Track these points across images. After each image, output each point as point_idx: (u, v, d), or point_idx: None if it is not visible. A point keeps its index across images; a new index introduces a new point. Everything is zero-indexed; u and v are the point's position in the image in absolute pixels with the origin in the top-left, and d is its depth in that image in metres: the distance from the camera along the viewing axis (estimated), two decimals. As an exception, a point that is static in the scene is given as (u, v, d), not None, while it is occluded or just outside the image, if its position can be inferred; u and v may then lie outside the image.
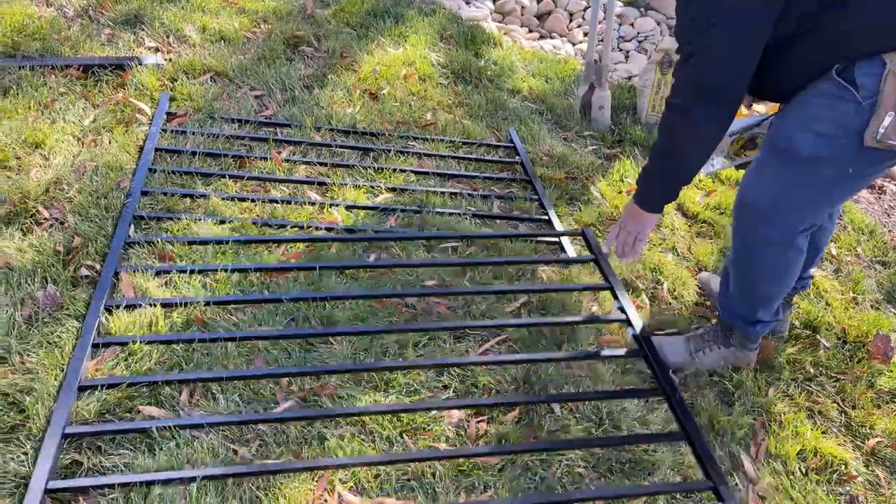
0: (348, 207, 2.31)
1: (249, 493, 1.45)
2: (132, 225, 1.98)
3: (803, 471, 1.84)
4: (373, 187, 2.44)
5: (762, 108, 2.56)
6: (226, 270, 1.91)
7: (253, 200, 2.23)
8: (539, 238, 2.36)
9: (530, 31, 4.51)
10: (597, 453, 1.70)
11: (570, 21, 4.70)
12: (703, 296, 2.34)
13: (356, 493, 1.51)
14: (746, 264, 1.86)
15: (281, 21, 3.26)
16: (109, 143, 2.30)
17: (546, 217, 2.48)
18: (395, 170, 2.54)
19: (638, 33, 4.58)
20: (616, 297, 2.10)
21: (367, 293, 1.96)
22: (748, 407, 1.96)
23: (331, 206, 2.30)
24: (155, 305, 1.75)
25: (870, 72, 1.48)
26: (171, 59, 2.80)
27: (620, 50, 4.47)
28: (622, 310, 2.06)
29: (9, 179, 2.03)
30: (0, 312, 1.65)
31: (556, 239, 2.38)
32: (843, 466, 1.87)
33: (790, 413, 1.98)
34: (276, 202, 2.25)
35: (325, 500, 1.48)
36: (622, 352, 1.93)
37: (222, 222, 2.10)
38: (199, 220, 2.08)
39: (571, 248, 2.36)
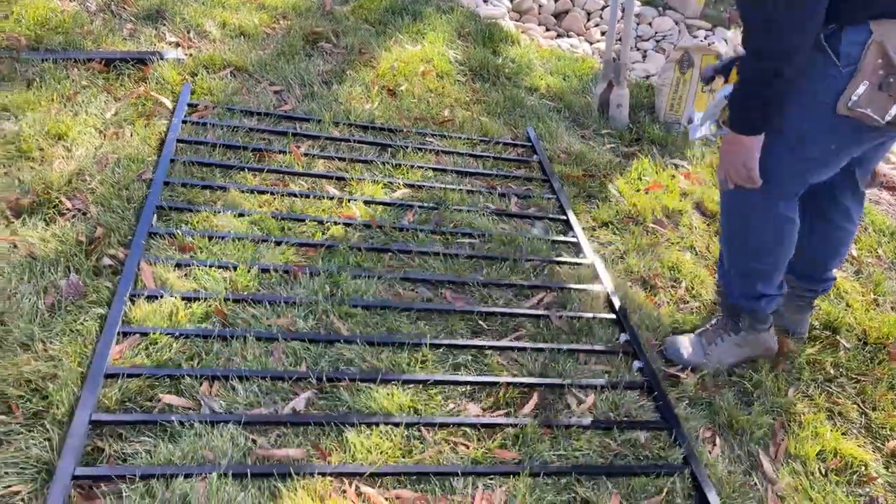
0: (366, 202, 2.32)
1: (268, 482, 1.46)
2: (154, 215, 2.00)
3: (823, 471, 1.83)
4: (390, 183, 2.44)
5: None
6: (246, 265, 1.92)
7: (272, 193, 2.24)
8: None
9: (547, 29, 4.50)
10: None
11: (588, 20, 4.69)
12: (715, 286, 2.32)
13: (373, 485, 1.51)
14: (739, 239, 1.87)
15: (300, 17, 3.27)
16: (131, 135, 2.31)
17: (564, 217, 2.47)
18: (412, 166, 2.55)
19: (656, 32, 4.56)
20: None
21: (379, 304, 1.96)
22: (767, 407, 1.95)
23: (349, 200, 2.30)
24: (175, 297, 1.76)
25: (856, 40, 1.50)
26: (191, 54, 2.82)
27: (638, 49, 4.45)
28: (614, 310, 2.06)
29: (32, 170, 2.05)
30: (23, 301, 1.67)
31: (574, 239, 2.38)
32: (863, 468, 1.85)
33: (810, 414, 1.96)
34: (295, 196, 2.26)
35: (344, 492, 1.48)
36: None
37: (241, 215, 2.11)
38: (219, 212, 2.09)
39: (589, 248, 2.35)
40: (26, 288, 1.70)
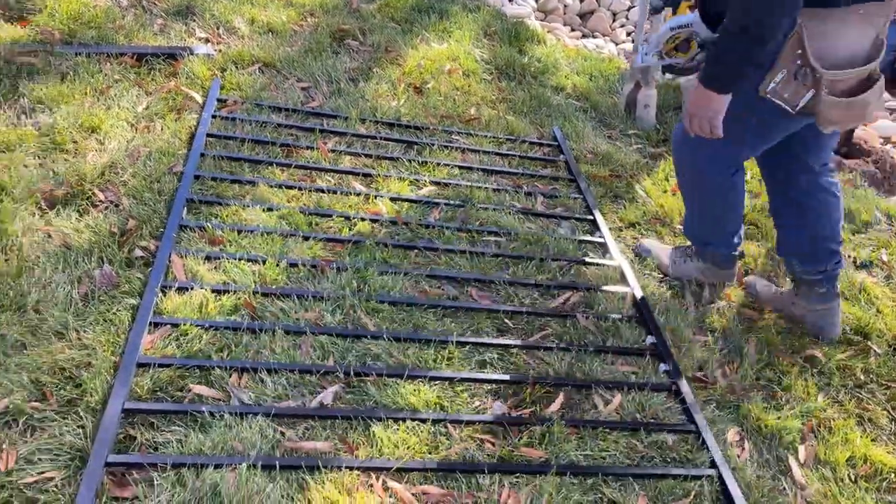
0: (392, 199, 2.32)
1: (296, 475, 1.46)
2: (184, 208, 2.02)
3: (852, 478, 1.81)
4: (417, 180, 2.44)
5: None
6: (274, 259, 1.93)
7: (300, 189, 2.25)
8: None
9: (573, 29, 4.49)
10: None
11: (614, 21, 4.67)
12: (751, 297, 2.30)
13: (400, 480, 1.52)
14: (690, 194, 2.14)
15: (327, 14, 3.29)
16: (162, 129, 2.34)
17: (591, 217, 2.46)
18: (438, 163, 2.55)
19: (682, 34, 4.51)
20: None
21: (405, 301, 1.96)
22: (797, 411, 1.93)
23: (375, 197, 2.31)
24: (205, 289, 1.78)
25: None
26: (220, 50, 2.85)
27: (664, 50, 4.41)
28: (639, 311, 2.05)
29: (66, 162, 2.08)
30: (58, 290, 1.69)
31: (601, 239, 2.37)
32: (892, 475, 1.83)
33: (839, 419, 1.94)
34: (323, 191, 2.27)
35: (371, 486, 1.48)
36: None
37: (270, 209, 2.12)
38: (248, 206, 2.11)
39: (616, 248, 2.34)
40: (60, 277, 1.73)
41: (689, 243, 2.30)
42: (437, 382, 1.74)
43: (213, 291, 1.79)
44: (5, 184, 1.92)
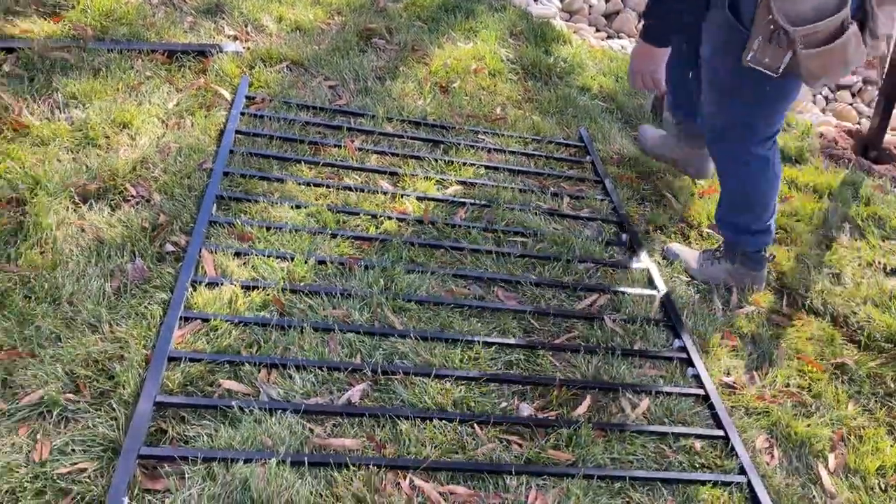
0: (419, 198, 2.32)
1: (324, 471, 1.47)
2: (214, 205, 2.03)
3: (883, 487, 1.78)
4: (443, 179, 2.44)
5: None
6: (303, 256, 1.94)
7: (327, 186, 2.26)
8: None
9: (598, 30, 4.47)
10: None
11: (639, 22, 4.63)
12: (779, 303, 2.28)
13: (427, 479, 1.52)
14: (727, 180, 2.19)
15: (354, 13, 3.30)
16: (192, 125, 2.36)
17: (618, 219, 2.45)
18: (464, 163, 2.55)
19: (709, 35, 4.48)
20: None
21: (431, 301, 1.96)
22: (827, 419, 1.90)
23: (402, 196, 2.31)
24: (235, 285, 1.79)
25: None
26: (249, 48, 2.87)
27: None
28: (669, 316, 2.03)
29: (99, 157, 2.11)
30: (91, 283, 1.71)
31: (627, 242, 2.35)
32: (925, 486, 1.80)
33: (870, 428, 1.91)
34: (350, 189, 2.28)
35: (398, 484, 1.49)
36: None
37: (298, 206, 2.13)
38: (276, 203, 2.12)
39: (643, 251, 2.32)
40: (94, 271, 1.75)
41: (716, 246, 2.31)
42: (463, 382, 1.74)
43: (242, 287, 1.81)
44: (40, 177, 1.94)
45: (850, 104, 4.41)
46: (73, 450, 1.40)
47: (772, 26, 1.73)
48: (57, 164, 2.04)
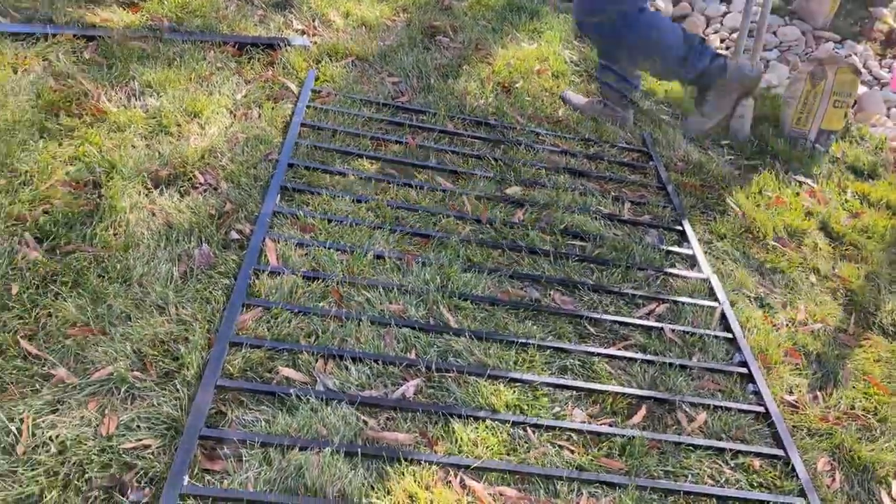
0: (478, 197, 2.32)
1: (377, 464, 1.48)
2: (278, 195, 2.07)
3: (953, 522, 1.70)
4: (502, 179, 2.43)
5: None
6: (362, 249, 1.97)
7: (388, 182, 2.28)
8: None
9: (664, 34, 4.37)
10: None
11: (707, 26, 4.52)
12: (847, 321, 2.19)
13: (477, 479, 1.51)
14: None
15: (419, 11, 3.31)
16: (259, 117, 2.41)
17: (680, 227, 2.40)
18: (524, 164, 2.53)
19: (780, 42, 4.34)
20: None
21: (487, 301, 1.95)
22: (892, 444, 1.82)
23: (461, 194, 2.31)
24: (296, 275, 1.82)
25: None
26: (316, 42, 2.91)
27: (761, 59, 4.25)
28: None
29: (170, 144, 2.17)
30: (160, 266, 1.77)
31: (689, 251, 2.30)
32: None
33: (941, 458, 1.82)
34: (410, 186, 2.29)
35: (449, 482, 1.49)
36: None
37: (359, 201, 2.15)
38: (338, 196, 2.15)
39: (705, 261, 2.27)
40: (163, 254, 1.80)
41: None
42: (517, 384, 1.73)
43: (303, 277, 1.84)
44: (116, 162, 2.01)
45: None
46: (139, 426, 1.45)
47: None
48: (131, 150, 2.11)
